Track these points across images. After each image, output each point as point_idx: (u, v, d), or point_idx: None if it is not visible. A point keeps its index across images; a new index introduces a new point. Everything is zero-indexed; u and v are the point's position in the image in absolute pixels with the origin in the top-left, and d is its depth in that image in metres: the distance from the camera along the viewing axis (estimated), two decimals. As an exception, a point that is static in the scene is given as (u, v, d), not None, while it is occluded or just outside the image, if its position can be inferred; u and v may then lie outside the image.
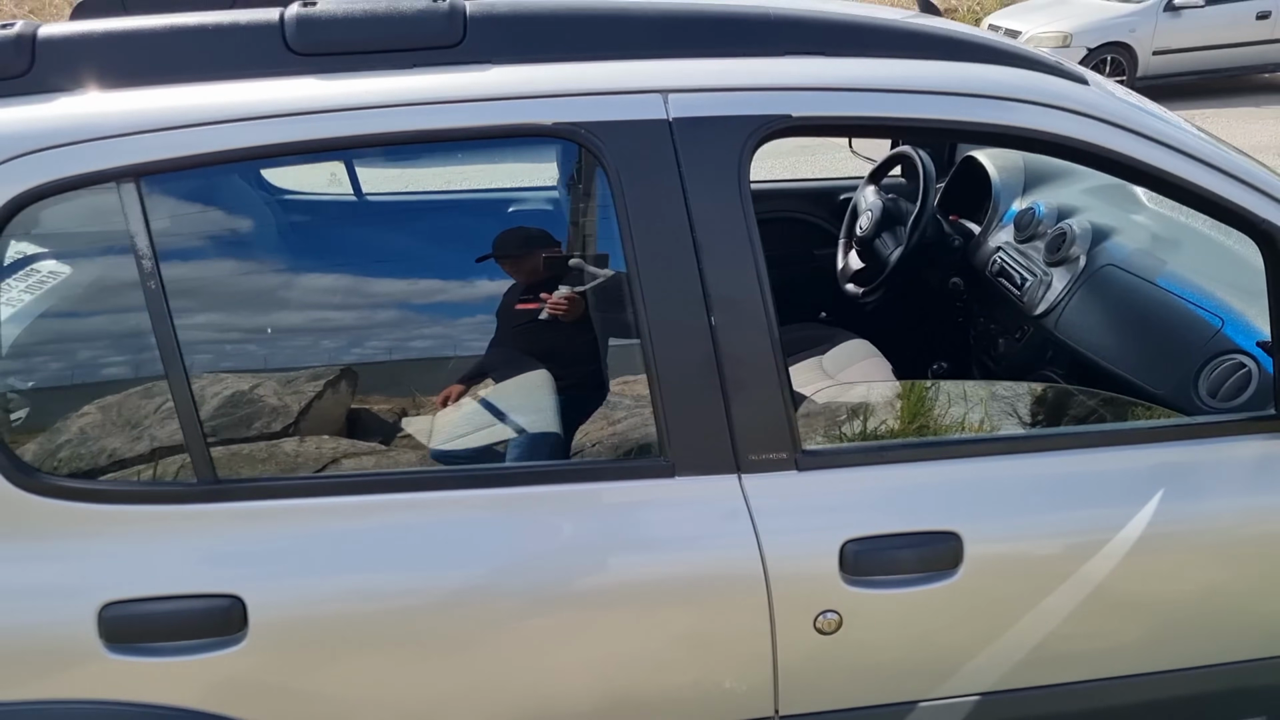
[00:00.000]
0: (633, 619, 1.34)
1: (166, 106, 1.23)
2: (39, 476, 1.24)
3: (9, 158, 1.19)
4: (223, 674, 1.28)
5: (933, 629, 1.41)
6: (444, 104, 1.26)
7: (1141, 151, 1.36)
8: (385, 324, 1.40)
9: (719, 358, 1.32)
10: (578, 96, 1.28)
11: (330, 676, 1.30)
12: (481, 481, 1.32)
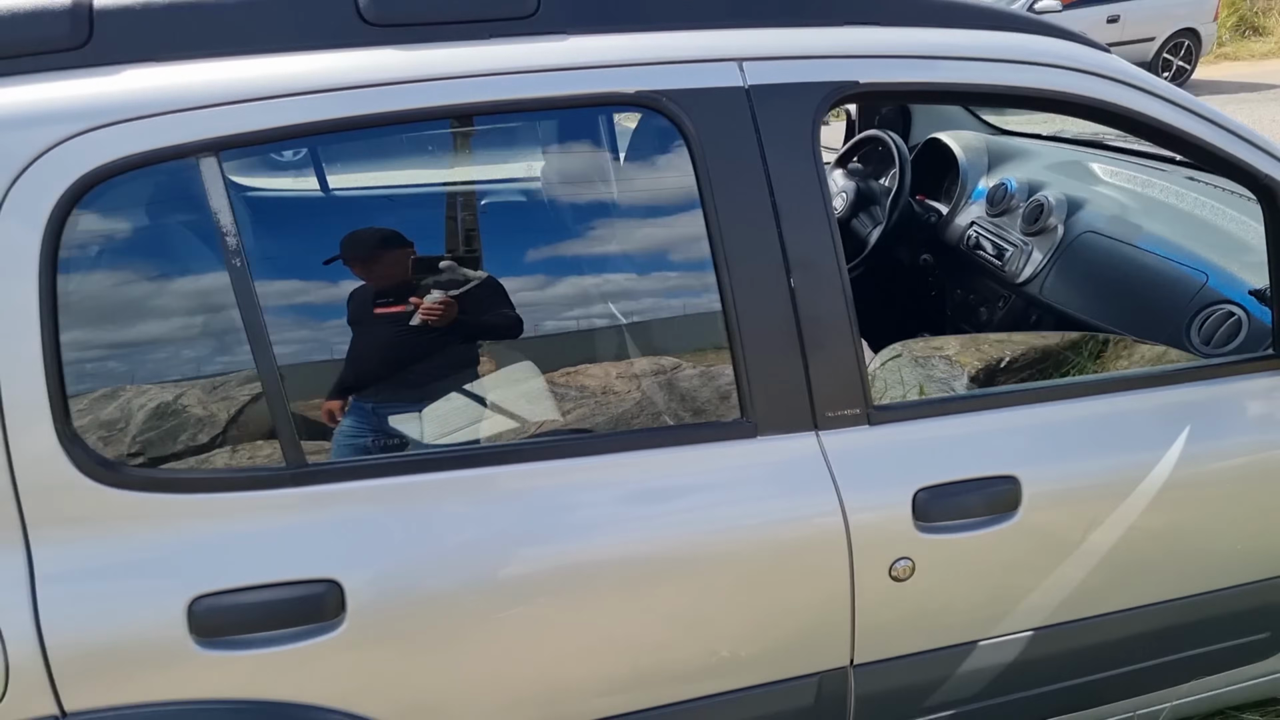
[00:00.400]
0: (728, 579, 1.36)
1: (243, 79, 1.19)
2: (120, 469, 1.18)
3: (77, 133, 1.13)
4: (320, 662, 1.24)
5: (994, 570, 1.49)
6: (523, 74, 1.26)
7: (1167, 114, 1.48)
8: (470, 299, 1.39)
9: (798, 318, 1.36)
10: (656, 65, 1.30)
11: (433, 655, 1.28)
12: (573, 452, 1.32)
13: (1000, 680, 1.57)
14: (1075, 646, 1.59)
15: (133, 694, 1.20)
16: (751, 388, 1.36)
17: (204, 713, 1.22)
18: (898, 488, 1.42)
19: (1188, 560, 1.61)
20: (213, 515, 1.21)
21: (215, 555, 1.21)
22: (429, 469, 1.27)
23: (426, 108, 1.24)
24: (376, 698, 1.27)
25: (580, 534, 1.30)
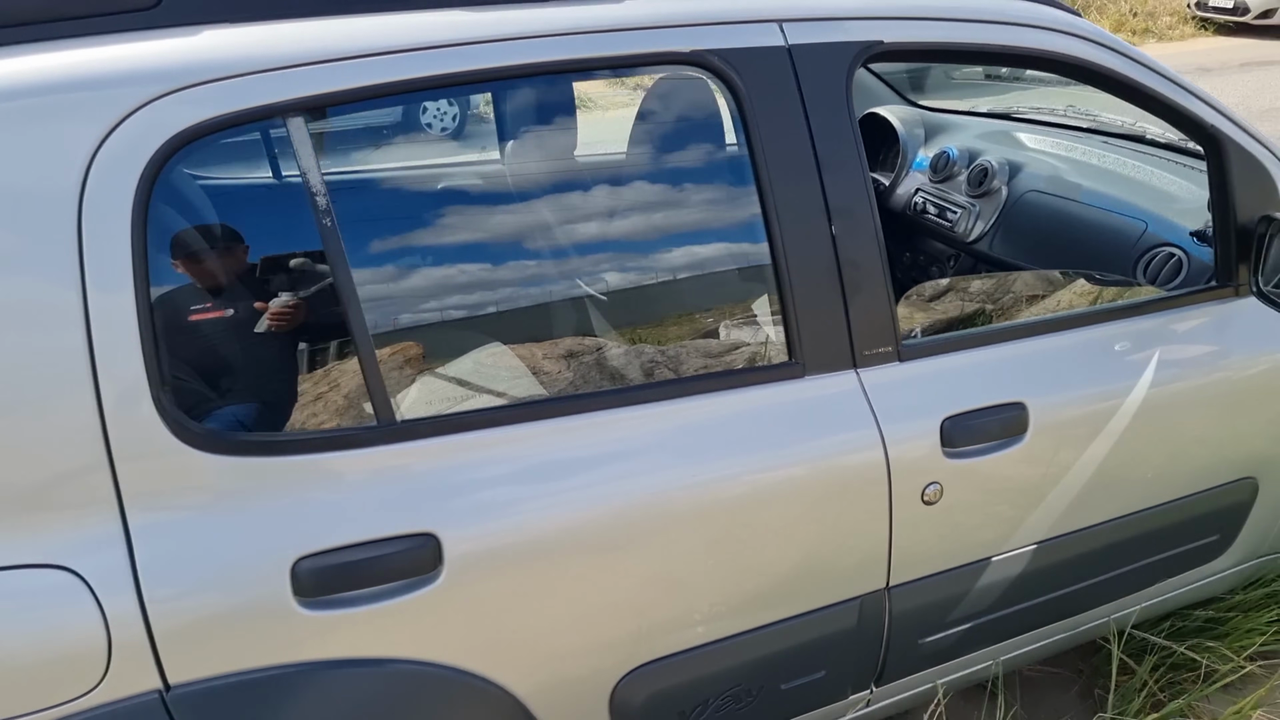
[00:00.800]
0: (791, 511, 1.45)
1: (324, 39, 1.19)
2: (216, 435, 1.17)
3: (162, 94, 1.12)
4: (420, 616, 1.26)
5: (1007, 490, 1.63)
6: (588, 34, 1.31)
7: (1134, 71, 1.65)
8: (548, 256, 1.42)
9: (839, 263, 1.46)
10: (707, 25, 1.37)
11: (526, 601, 1.31)
12: (644, 399, 1.38)
13: (1010, 592, 1.73)
14: (1070, 557, 1.76)
15: (237, 662, 1.19)
16: (801, 331, 1.45)
17: (308, 676, 1.22)
18: (928, 418, 1.54)
19: (1159, 471, 1.80)
20: (309, 476, 1.21)
21: (314, 515, 1.21)
22: (515, 420, 1.31)
23: (500, 67, 1.27)
24: (474, 649, 1.30)
25: (656, 474, 1.37)
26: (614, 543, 1.35)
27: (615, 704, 1.44)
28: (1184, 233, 2.05)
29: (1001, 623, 1.76)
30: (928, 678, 1.77)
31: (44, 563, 1.11)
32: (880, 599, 1.60)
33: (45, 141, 1.07)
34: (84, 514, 1.12)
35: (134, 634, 1.13)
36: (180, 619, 1.15)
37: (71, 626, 1.11)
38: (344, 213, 1.23)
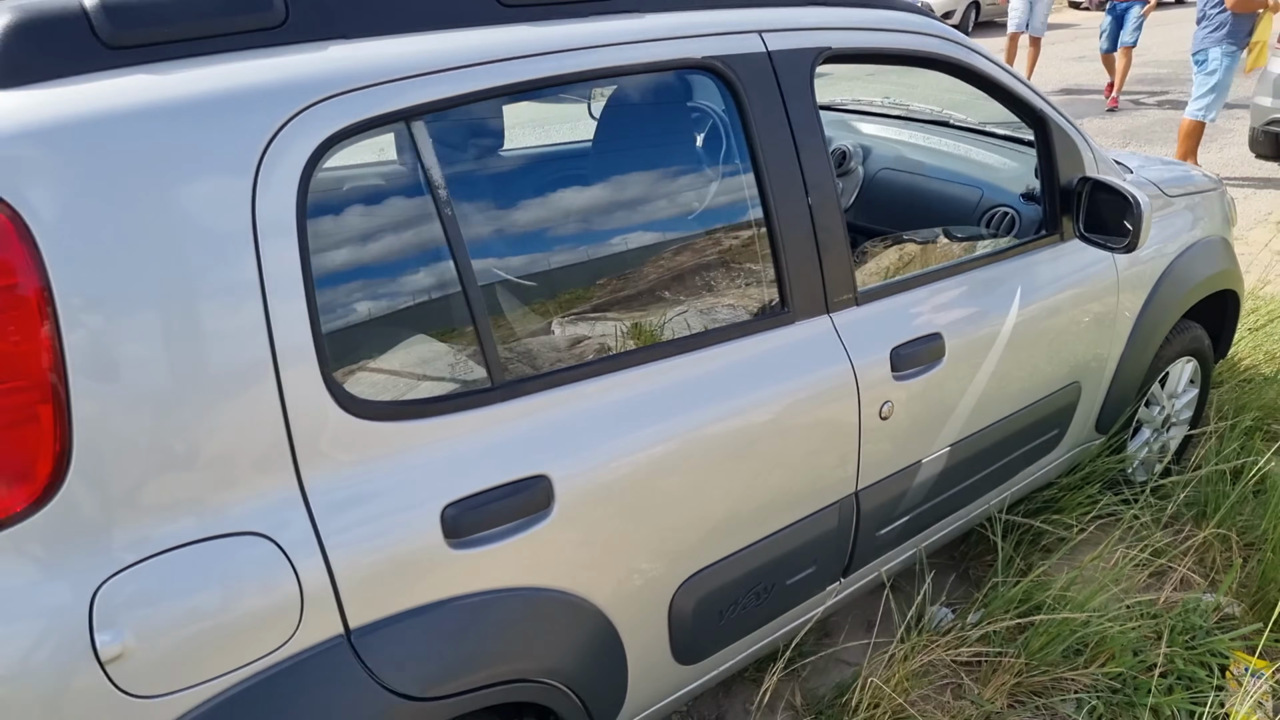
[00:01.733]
0: (796, 433, 1.77)
1: (427, 53, 1.36)
2: (371, 404, 1.32)
3: (314, 102, 1.25)
4: (537, 548, 1.46)
5: (933, 403, 2.05)
6: (619, 45, 1.56)
7: (985, 66, 2.12)
8: (626, 234, 1.64)
9: (815, 228, 1.80)
10: (709, 36, 1.66)
11: (624, 524, 1.55)
12: (694, 346, 1.65)
13: (934, 486, 2.15)
14: (971, 455, 2.21)
15: (404, 601, 1.35)
16: (791, 286, 1.78)
17: (461, 609, 1.39)
18: (881, 349, 1.91)
19: (1024, 381, 2.29)
20: (445, 434, 1.39)
21: (455, 467, 1.38)
22: (601, 373, 1.54)
23: (557, 75, 1.49)
24: (574, 573, 1.52)
25: (705, 409, 1.64)
26: (675, 470, 1.61)
27: (673, 610, 1.70)
28: (1013, 195, 2.58)
29: (927, 514, 2.19)
30: (876, 567, 2.17)
31: (233, 532, 1.22)
32: (851, 501, 1.96)
33: (230, 141, 1.18)
34: (270, 486, 1.24)
35: (320, 586, 1.27)
36: (357, 569, 1.29)
37: (270, 584, 1.23)
38: (458, 201, 1.41)
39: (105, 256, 1.11)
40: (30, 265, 1.07)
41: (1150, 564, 2.53)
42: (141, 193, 1.14)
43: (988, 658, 2.30)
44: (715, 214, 1.78)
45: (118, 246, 1.12)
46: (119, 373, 1.13)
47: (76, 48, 1.15)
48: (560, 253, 1.59)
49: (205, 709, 1.20)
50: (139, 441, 1.15)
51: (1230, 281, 2.95)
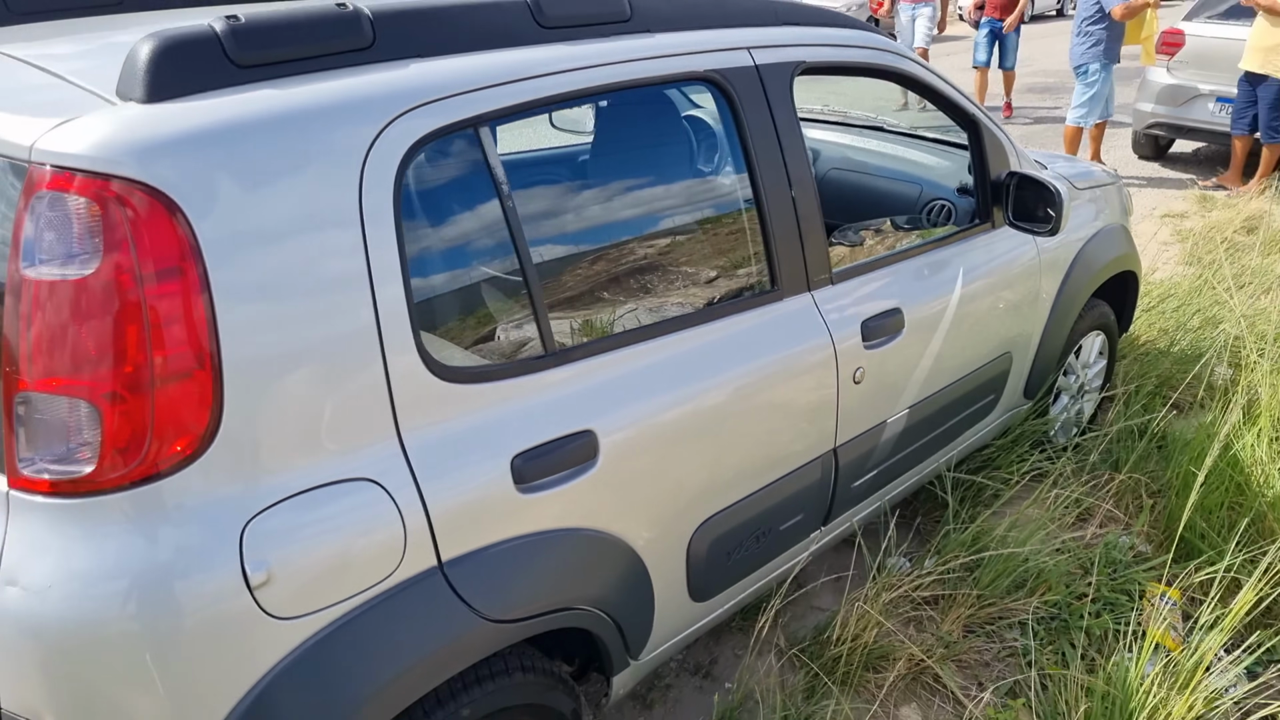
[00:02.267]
0: (787, 395, 2.05)
1: (489, 66, 1.59)
2: (456, 370, 1.54)
3: (405, 110, 1.47)
4: (585, 494, 1.70)
5: (892, 370, 2.35)
6: (643, 60, 1.81)
7: (925, 75, 2.44)
8: (646, 223, 1.89)
9: (798, 217, 2.08)
10: (708, 53, 1.92)
11: (653, 473, 1.80)
12: (701, 320, 1.91)
13: (897, 444, 2.46)
14: (926, 415, 2.53)
15: (480, 538, 1.57)
16: (779, 266, 2.05)
17: (529, 545, 1.62)
18: (854, 322, 2.21)
19: (968, 350, 2.62)
20: (511, 395, 1.61)
21: (520, 423, 1.61)
22: (633, 341, 1.78)
23: (590, 87, 1.73)
24: (613, 516, 1.76)
25: (721, 373, 1.91)
26: (692, 426, 1.87)
27: (690, 550, 1.95)
28: (949, 190, 2.92)
29: (891, 468, 2.49)
30: (850, 516, 2.46)
31: (350, 477, 1.42)
32: (831, 456, 2.25)
33: (340, 143, 1.39)
34: (372, 438, 1.45)
35: (421, 526, 1.48)
36: (446, 510, 1.51)
37: (379, 522, 1.44)
38: (516, 195, 1.64)
39: (246, 243, 1.31)
40: (190, 249, 1.27)
41: (1076, 508, 2.90)
42: (273, 188, 1.34)
43: (944, 594, 2.62)
44: (718, 205, 2.05)
45: (256, 234, 1.32)
46: (259, 343, 1.32)
47: (212, 67, 1.35)
48: (597, 239, 1.83)
49: (330, 629, 1.40)
50: (275, 402, 1.35)
51: (1131, 264, 3.36)
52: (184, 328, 1.27)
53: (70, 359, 1.23)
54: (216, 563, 1.30)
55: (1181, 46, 7.41)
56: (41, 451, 1.25)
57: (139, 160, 1.24)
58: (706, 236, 2.00)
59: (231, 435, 1.31)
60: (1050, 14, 21.99)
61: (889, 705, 2.42)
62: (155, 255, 1.24)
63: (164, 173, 1.25)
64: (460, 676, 1.61)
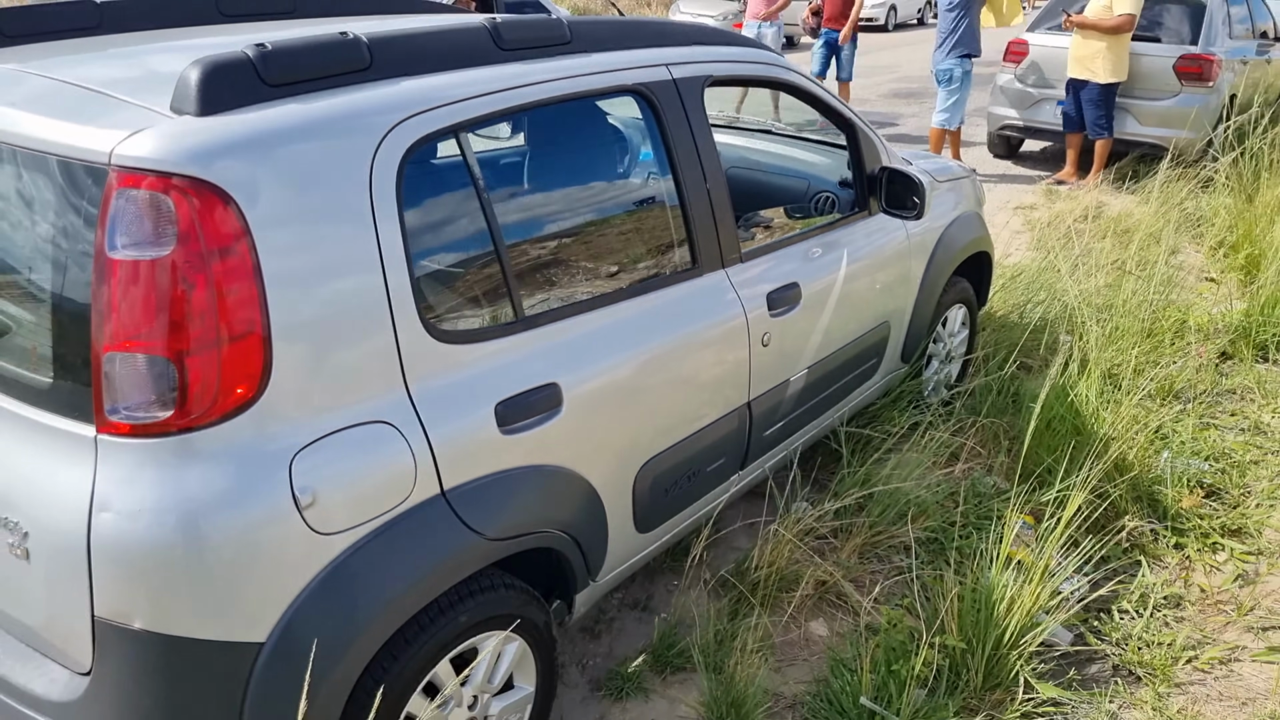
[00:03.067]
0: (709, 356, 2.44)
1: (462, 85, 1.92)
2: (448, 333, 1.86)
3: (406, 117, 1.79)
4: (552, 437, 2.04)
5: (793, 335, 2.77)
6: (583, 75, 2.18)
7: (810, 86, 2.89)
8: (592, 211, 2.25)
9: (712, 204, 2.47)
10: (634, 69, 2.30)
11: (605, 419, 2.16)
12: (647, 289, 2.28)
13: (798, 400, 2.88)
14: (823, 374, 2.97)
15: (473, 471, 1.90)
16: (698, 247, 2.45)
17: (511, 477, 1.96)
18: (761, 294, 2.62)
19: (853, 319, 3.08)
20: (492, 353, 1.95)
21: (499, 377, 1.95)
22: (585, 310, 2.14)
23: (541, 99, 2.08)
24: (574, 456, 2.11)
25: (656, 336, 2.28)
26: (636, 380, 2.24)
27: (635, 486, 2.31)
28: (832, 183, 3.37)
29: (795, 421, 2.92)
30: (763, 463, 2.87)
31: (370, 420, 1.74)
32: (745, 409, 2.65)
33: (353, 146, 1.71)
34: (386, 389, 1.76)
35: (426, 459, 1.80)
36: (448, 447, 1.84)
37: (395, 456, 1.75)
38: (491, 189, 1.98)
39: (284, 228, 1.61)
40: (243, 233, 1.56)
41: (947, 449, 3.39)
42: (302, 183, 1.64)
43: (842, 526, 3.06)
44: (648, 197, 2.43)
45: (291, 221, 1.62)
46: (297, 311, 1.63)
47: (249, 86, 1.64)
48: (553, 225, 2.18)
49: (361, 542, 1.71)
50: (311, 359, 1.65)
51: (985, 245, 3.91)
52: (241, 297, 1.56)
53: (150, 324, 1.51)
54: (272, 489, 1.60)
55: (1026, 55, 8.23)
56: (125, 401, 1.53)
57: (200, 162, 1.53)
58: (640, 223, 2.38)
59: (278, 386, 1.61)
60: (912, 23, 23.37)
61: (800, 619, 2.84)
62: (217, 238, 1.54)
63: (220, 171, 1.54)
64: (457, 589, 1.93)
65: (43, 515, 1.55)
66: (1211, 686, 2.66)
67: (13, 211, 1.68)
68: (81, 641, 1.57)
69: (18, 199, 1.67)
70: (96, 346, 1.52)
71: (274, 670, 1.61)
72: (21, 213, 1.66)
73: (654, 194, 2.44)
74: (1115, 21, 7.11)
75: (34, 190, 1.63)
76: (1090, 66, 7.33)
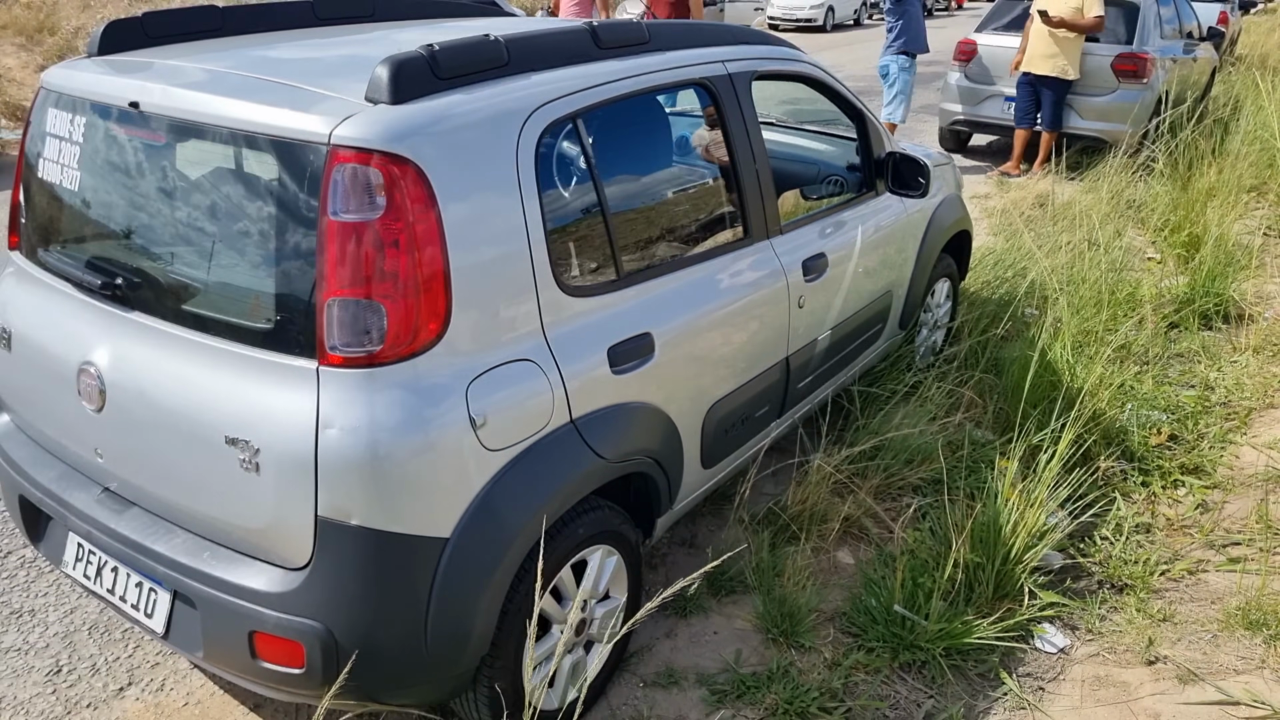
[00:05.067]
0: (763, 313, 2.82)
1: (577, 78, 2.27)
2: (575, 289, 2.21)
3: (540, 105, 2.14)
4: (647, 380, 2.40)
5: (821, 299, 3.17)
6: (663, 70, 2.54)
7: (828, 79, 3.29)
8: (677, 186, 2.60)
9: (759, 183, 2.86)
10: (699, 65, 2.67)
11: (685, 366, 2.52)
12: (707, 257, 2.65)
13: (825, 356, 3.28)
14: (843, 335, 3.37)
15: (591, 404, 2.25)
16: (750, 220, 2.83)
17: (620, 410, 2.31)
18: (798, 261, 3.01)
19: (866, 286, 3.49)
20: (605, 306, 2.30)
21: (610, 325, 2.30)
22: (672, 270, 2.50)
23: (636, 89, 2.44)
24: (662, 396, 2.47)
25: (726, 294, 2.66)
26: (707, 332, 2.61)
27: (705, 422, 2.68)
28: (840, 168, 3.78)
29: (821, 375, 3.32)
30: (795, 412, 3.26)
31: (520, 358, 2.08)
32: (784, 362, 3.04)
33: (504, 129, 2.05)
34: (530, 332, 2.11)
35: (560, 392, 2.15)
36: (575, 382, 2.18)
37: (539, 388, 2.10)
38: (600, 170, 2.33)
39: (460, 197, 1.95)
40: (433, 200, 1.89)
41: (948, 400, 3.83)
42: (471, 160, 1.98)
43: (860, 470, 3.47)
44: (710, 175, 2.80)
45: (465, 191, 1.96)
46: (469, 266, 1.96)
47: (427, 79, 1.97)
48: (647, 199, 2.55)
49: (516, 457, 2.05)
50: (479, 306, 1.99)
51: (966, 224, 4.36)
52: (432, 252, 1.89)
53: (364, 274, 1.84)
54: (456, 410, 1.93)
55: (974, 54, 8.79)
56: (344, 337, 1.85)
57: (401, 141, 1.86)
58: (705, 198, 2.76)
59: (457, 327, 1.95)
60: (849, 24, 24.14)
61: (829, 550, 3.24)
62: (414, 203, 1.87)
63: (415, 148, 1.87)
64: (577, 506, 2.28)
65: (274, 433, 1.87)
66: (1184, 592, 3.13)
67: (227, 185, 1.98)
68: (302, 540, 1.89)
69: (232, 175, 1.97)
70: (320, 294, 1.84)
71: (456, 561, 1.95)
72: (236, 187, 1.97)
73: (715, 173, 2.81)
74: (1091, 22, 7.68)
75: (252, 166, 1.94)
76: (1059, 65, 7.89)
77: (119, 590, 2.20)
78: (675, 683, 2.69)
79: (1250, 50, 14.75)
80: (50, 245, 2.35)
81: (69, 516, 2.26)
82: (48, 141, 2.31)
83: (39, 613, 2.92)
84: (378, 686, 2.00)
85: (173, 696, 2.62)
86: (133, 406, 2.07)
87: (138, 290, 2.10)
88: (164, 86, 2.06)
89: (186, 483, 2.03)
